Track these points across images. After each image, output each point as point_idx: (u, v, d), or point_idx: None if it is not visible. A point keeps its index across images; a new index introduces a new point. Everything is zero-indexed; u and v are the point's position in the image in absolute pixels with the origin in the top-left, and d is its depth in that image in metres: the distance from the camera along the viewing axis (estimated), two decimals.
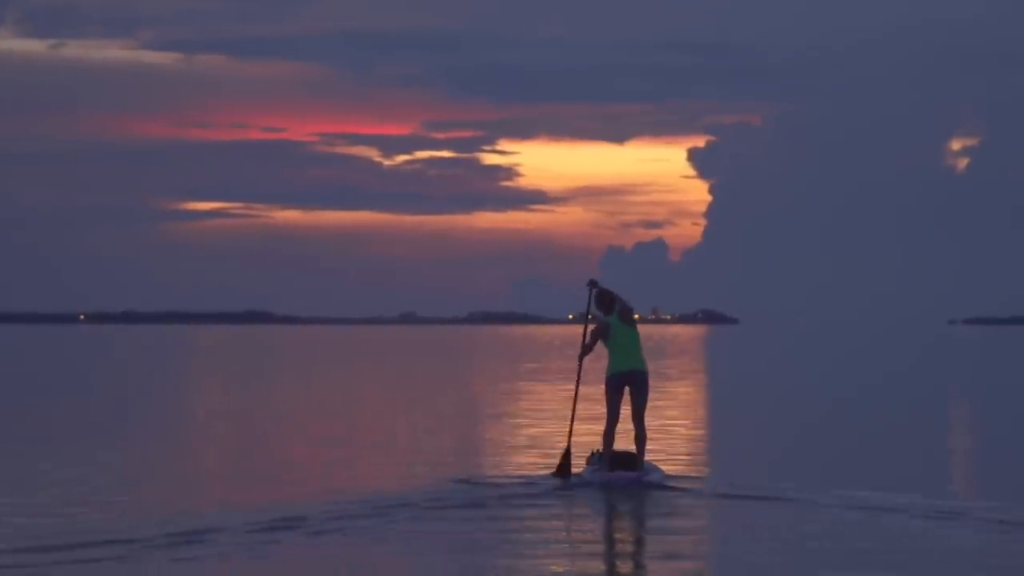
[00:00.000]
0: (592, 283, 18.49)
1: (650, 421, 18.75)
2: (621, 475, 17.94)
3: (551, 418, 29.24)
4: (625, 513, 16.41)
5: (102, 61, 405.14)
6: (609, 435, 18.15)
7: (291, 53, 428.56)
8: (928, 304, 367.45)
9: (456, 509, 16.14)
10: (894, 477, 19.59)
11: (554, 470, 18.56)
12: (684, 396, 38.23)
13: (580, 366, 18.76)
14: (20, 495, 17.48)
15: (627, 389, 18.19)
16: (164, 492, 17.93)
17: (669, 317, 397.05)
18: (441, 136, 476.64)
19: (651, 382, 18.56)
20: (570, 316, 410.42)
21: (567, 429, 18.93)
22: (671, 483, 17.98)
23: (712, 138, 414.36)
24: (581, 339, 18.53)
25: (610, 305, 18.32)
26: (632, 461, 18.07)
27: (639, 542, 14.67)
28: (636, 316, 18.55)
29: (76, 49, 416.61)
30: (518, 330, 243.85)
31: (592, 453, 18.52)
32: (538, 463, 20.47)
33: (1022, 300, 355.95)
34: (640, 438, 18.16)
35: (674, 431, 26.09)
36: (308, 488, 18.12)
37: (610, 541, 14.68)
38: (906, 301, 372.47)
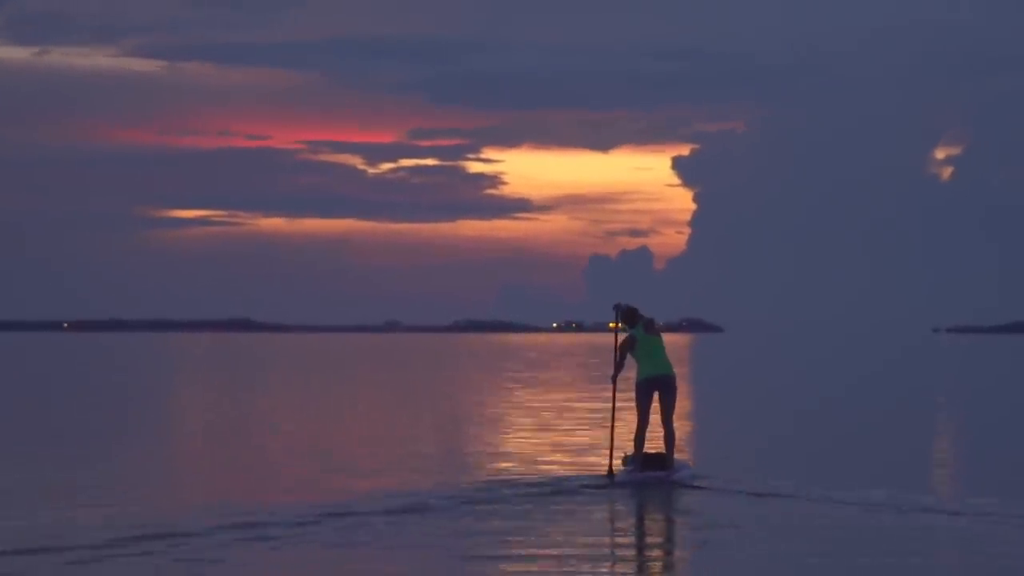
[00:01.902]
0: (617, 305, 19.73)
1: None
2: (652, 474, 19.10)
3: (550, 424, 30.31)
4: (655, 510, 17.36)
5: (87, 69, 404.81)
6: (640, 437, 19.33)
7: (276, 61, 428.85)
8: (912, 312, 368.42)
9: (490, 506, 17.06)
10: (892, 475, 20.74)
11: (607, 471, 19.60)
12: (688, 402, 38.74)
13: (615, 386, 20.04)
14: (9, 499, 17.85)
15: (655, 394, 19.35)
16: (153, 497, 18.25)
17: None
18: (425, 144, 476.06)
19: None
20: (554, 324, 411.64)
21: (609, 438, 20.04)
22: (698, 482, 19.03)
23: (696, 146, 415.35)
24: (613, 357, 19.73)
25: (634, 320, 19.59)
26: (662, 461, 19.25)
27: (669, 537, 15.53)
28: (658, 325, 19.71)
29: (61, 56, 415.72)
30: (503, 338, 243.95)
31: (625, 455, 19.65)
32: (563, 464, 21.48)
33: (1006, 309, 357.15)
34: (669, 439, 19.32)
35: (690, 433, 26.70)
36: (307, 492, 18.56)
37: (640, 537, 15.46)
38: (890, 309, 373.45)
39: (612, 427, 20.16)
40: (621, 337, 19.78)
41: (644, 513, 17.21)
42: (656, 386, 19.33)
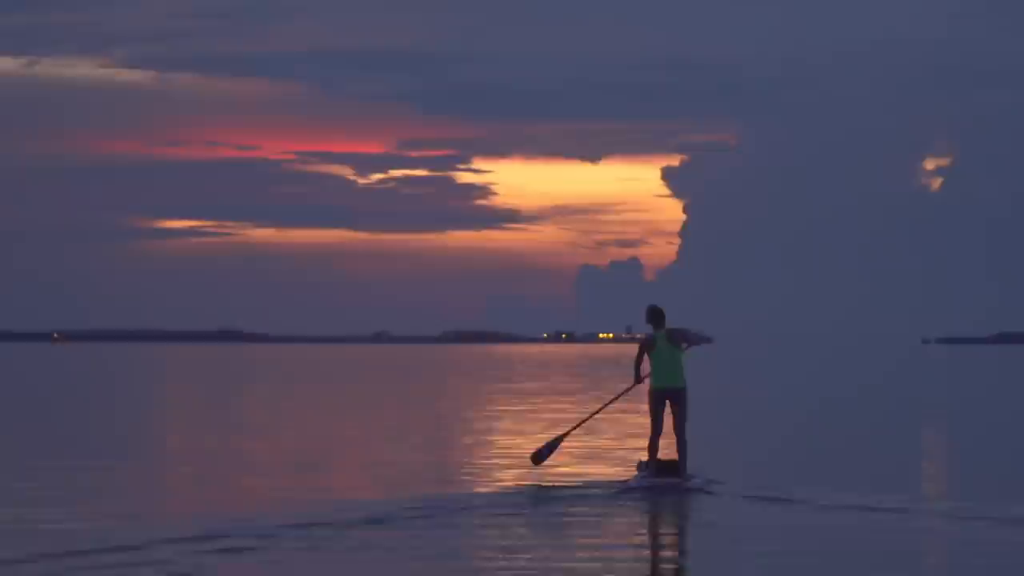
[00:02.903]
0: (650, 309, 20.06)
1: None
2: (666, 481, 19.53)
3: (553, 433, 30.12)
4: (668, 516, 17.73)
5: (75, 79, 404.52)
6: (653, 445, 19.74)
7: (265, 71, 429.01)
8: (902, 323, 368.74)
9: (512, 510, 17.51)
10: (894, 480, 21.42)
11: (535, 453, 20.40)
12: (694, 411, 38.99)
13: (626, 388, 20.64)
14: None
15: (667, 403, 19.72)
16: (146, 506, 18.33)
17: (641, 336, 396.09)
18: (415, 154, 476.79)
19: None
20: (544, 335, 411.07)
21: (564, 432, 20.75)
22: (710, 488, 19.45)
23: (686, 157, 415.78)
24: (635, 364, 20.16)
25: (660, 322, 19.86)
26: (675, 468, 19.69)
27: (682, 544, 15.85)
28: (685, 346, 19.92)
29: (49, 67, 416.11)
30: (493, 349, 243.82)
31: (639, 462, 20.16)
32: (569, 472, 21.83)
33: (995, 320, 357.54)
34: (682, 448, 19.72)
35: (697, 440, 27.04)
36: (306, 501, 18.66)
37: (654, 544, 15.68)
38: (880, 319, 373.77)
39: (575, 426, 20.92)
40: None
41: (658, 520, 17.45)
42: (666, 397, 19.72)
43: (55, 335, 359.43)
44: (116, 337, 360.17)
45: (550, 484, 19.99)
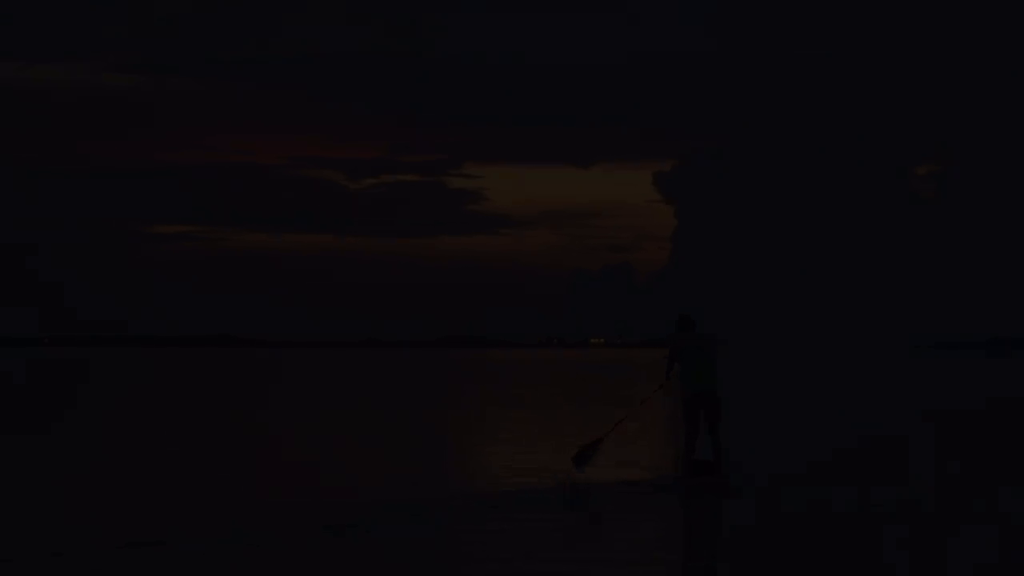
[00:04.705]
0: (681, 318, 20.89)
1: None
2: (700, 480, 20.37)
3: (567, 435, 30.96)
4: (703, 512, 18.48)
5: (68, 84, 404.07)
6: (689, 446, 20.62)
7: (259, 77, 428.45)
8: (893, 328, 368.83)
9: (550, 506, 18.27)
10: (894, 480, 22.24)
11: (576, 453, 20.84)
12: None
13: (658, 390, 21.10)
14: None
15: (701, 407, 20.48)
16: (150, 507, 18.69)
17: (632, 340, 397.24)
18: (407, 160, 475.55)
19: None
20: (536, 340, 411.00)
21: (610, 427, 21.40)
22: (741, 486, 20.33)
23: (678, 162, 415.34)
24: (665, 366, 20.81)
25: (690, 327, 20.63)
26: (709, 468, 20.53)
27: (714, 543, 16.40)
28: (717, 343, 20.86)
29: (42, 71, 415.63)
30: (486, 353, 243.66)
31: (676, 462, 21.37)
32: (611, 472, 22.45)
33: (987, 325, 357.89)
34: (716, 449, 20.57)
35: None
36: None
37: (688, 543, 16.34)
38: (872, 325, 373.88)
39: (613, 427, 21.26)
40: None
41: (690, 519, 18.08)
42: (700, 401, 20.49)
43: (46, 340, 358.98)
44: (109, 343, 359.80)
45: (584, 484, 20.43)
